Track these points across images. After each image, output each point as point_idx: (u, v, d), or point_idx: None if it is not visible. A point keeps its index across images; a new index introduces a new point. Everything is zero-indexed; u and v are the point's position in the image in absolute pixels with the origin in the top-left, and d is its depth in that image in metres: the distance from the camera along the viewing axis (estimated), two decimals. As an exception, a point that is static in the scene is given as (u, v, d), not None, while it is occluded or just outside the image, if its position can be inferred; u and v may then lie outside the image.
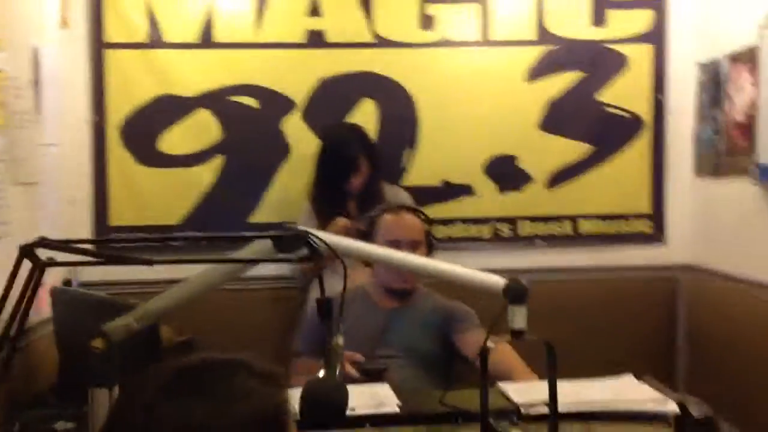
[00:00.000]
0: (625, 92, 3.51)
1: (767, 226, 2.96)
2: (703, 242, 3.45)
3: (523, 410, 1.66)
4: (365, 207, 2.98)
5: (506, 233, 3.51)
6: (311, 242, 1.45)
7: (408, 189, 3.34)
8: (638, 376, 2.01)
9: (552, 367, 1.59)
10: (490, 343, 1.58)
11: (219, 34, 3.32)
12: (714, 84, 3.32)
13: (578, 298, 3.46)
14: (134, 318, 1.58)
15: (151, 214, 3.32)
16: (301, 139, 3.37)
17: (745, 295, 3.07)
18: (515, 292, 1.53)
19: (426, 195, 3.40)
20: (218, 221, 3.32)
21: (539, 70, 3.46)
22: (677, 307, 3.55)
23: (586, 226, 3.53)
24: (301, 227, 1.56)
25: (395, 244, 2.41)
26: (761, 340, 2.87)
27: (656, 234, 3.56)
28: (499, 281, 1.56)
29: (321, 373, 1.39)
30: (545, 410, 1.61)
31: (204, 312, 2.92)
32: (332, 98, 3.40)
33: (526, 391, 1.78)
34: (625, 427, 1.76)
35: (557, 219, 3.51)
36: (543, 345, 1.58)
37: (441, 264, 1.64)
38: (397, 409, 1.78)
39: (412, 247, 2.48)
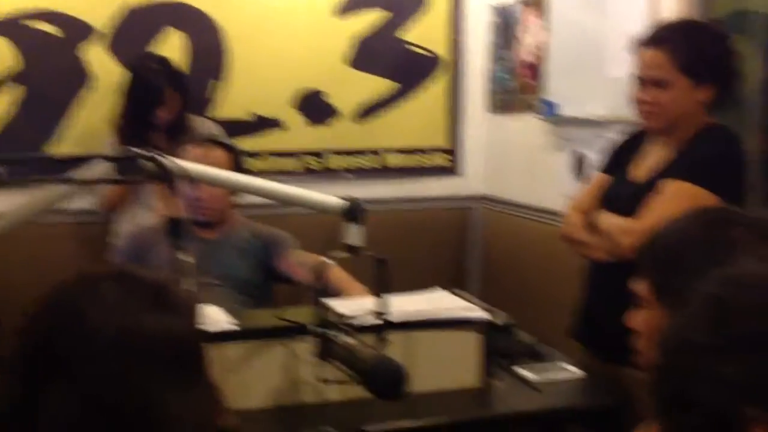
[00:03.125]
0: (426, 32, 3.69)
1: (551, 158, 3.27)
2: (496, 174, 3.75)
3: (353, 322, 1.79)
4: (173, 140, 2.97)
5: (315, 166, 3.61)
6: (160, 162, 1.47)
7: (217, 122, 3.34)
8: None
9: (382, 281, 1.73)
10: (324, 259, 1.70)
11: (13, -45, 3.13)
12: (505, 26, 3.57)
13: (382, 229, 3.63)
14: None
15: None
16: (105, 70, 3.27)
17: (531, 221, 3.39)
18: (353, 210, 1.65)
19: (236, 128, 3.42)
20: (13, 152, 3.16)
21: (347, 7, 3.56)
22: (471, 233, 3.84)
23: (390, 160, 3.72)
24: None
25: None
26: (545, 259, 3.19)
27: (453, 167, 3.81)
28: (337, 201, 1.66)
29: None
30: (373, 321, 1.74)
31: (5, 247, 2.83)
32: (138, 28, 3.31)
33: (354, 306, 1.91)
34: (441, 334, 1.94)
35: (363, 152, 3.67)
36: (374, 260, 1.72)
37: (282, 187, 1.73)
38: (232, 327, 1.86)
39: None
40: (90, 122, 3.28)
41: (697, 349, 0.91)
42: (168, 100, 3.07)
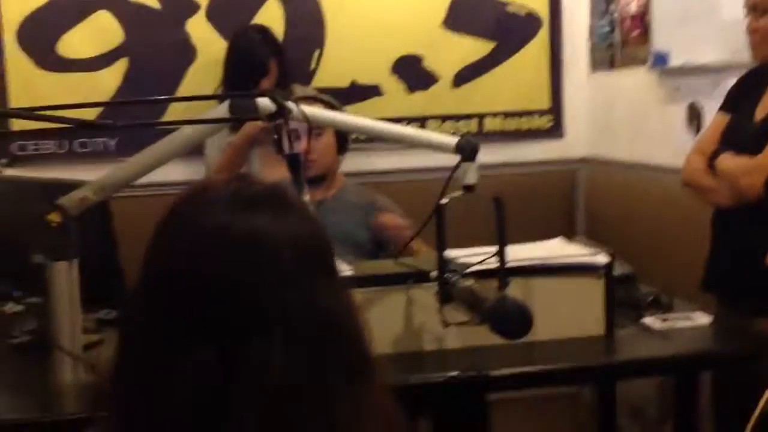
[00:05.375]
0: (523, -10, 3.60)
1: (663, 112, 3.15)
2: (601, 134, 3.63)
3: (474, 267, 1.75)
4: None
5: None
6: (278, 101, 1.46)
7: (317, 90, 3.34)
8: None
9: (501, 221, 1.68)
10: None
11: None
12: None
13: (486, 193, 3.58)
14: (92, 191, 1.56)
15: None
16: (208, 42, 3.30)
17: (641, 179, 3.26)
18: (467, 147, 1.61)
19: (335, 96, 3.37)
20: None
21: (440, -32, 3.51)
22: (576, 197, 3.73)
23: (490, 124, 3.65)
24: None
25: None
26: (660, 217, 3.07)
27: (555, 129, 3.71)
28: (451, 139, 1.63)
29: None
30: (493, 266, 1.69)
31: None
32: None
33: (474, 253, 1.87)
34: (564, 281, 1.88)
35: (464, 117, 3.61)
36: (492, 201, 1.67)
37: (396, 127, 1.71)
38: (351, 273, 1.84)
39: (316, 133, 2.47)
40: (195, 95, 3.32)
41: None
42: (270, 71, 3.09)
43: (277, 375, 0.84)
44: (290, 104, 1.49)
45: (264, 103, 1.55)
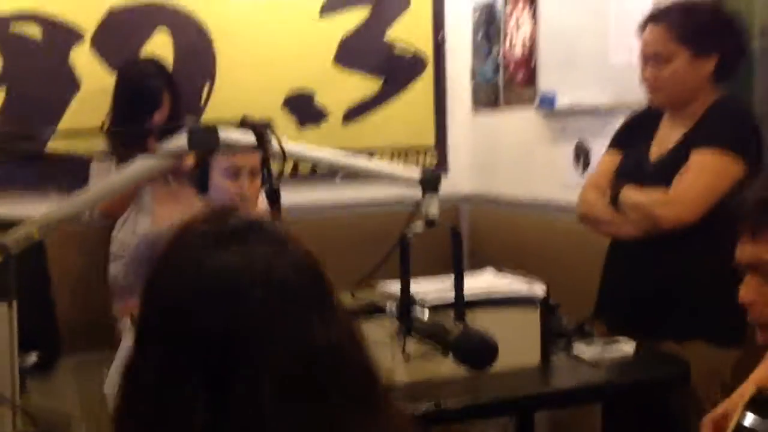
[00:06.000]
0: (409, 31, 3.68)
1: (549, 149, 3.30)
2: (484, 172, 3.76)
3: (423, 302, 1.76)
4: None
5: (306, 169, 3.56)
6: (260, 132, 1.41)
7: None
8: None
9: (458, 253, 1.70)
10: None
11: (-5, -44, 3.01)
12: (489, 22, 3.60)
13: (377, 229, 3.60)
14: (36, 228, 1.44)
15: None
16: (93, 72, 3.17)
17: (527, 215, 3.39)
18: (430, 180, 1.62)
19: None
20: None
21: (331, 5, 3.53)
22: (461, 233, 3.82)
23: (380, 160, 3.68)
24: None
25: (235, 172, 2.33)
26: (543, 249, 3.19)
27: (440, 166, 3.80)
28: (414, 171, 1.64)
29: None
30: (449, 299, 1.71)
31: None
32: (124, 30, 3.22)
33: (428, 285, 1.88)
34: (501, 312, 1.92)
35: (354, 153, 3.61)
36: (450, 231, 1.69)
37: (363, 161, 1.70)
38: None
39: (253, 174, 2.41)
40: (79, 126, 3.16)
41: None
42: (163, 102, 3.00)
43: (267, 414, 0.82)
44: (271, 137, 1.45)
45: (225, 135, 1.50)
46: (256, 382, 0.83)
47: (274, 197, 1.44)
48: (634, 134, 2.34)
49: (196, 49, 3.34)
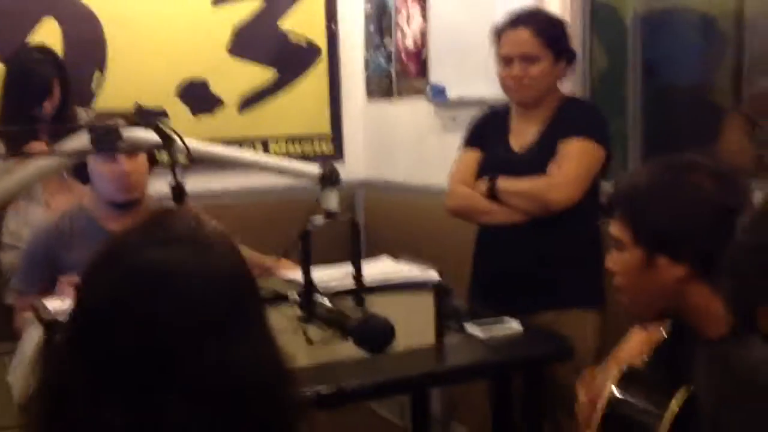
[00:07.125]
0: (303, 21, 3.74)
1: (440, 138, 3.42)
2: (378, 159, 3.85)
3: (324, 289, 1.83)
4: (58, 132, 2.85)
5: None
6: (161, 129, 1.45)
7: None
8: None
9: (356, 243, 1.78)
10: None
11: None
12: (380, 14, 3.69)
13: (270, 216, 3.65)
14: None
15: None
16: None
17: (419, 200, 3.51)
18: (330, 175, 1.69)
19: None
20: None
21: (224, -5, 3.55)
22: (356, 218, 3.91)
23: (275, 148, 3.73)
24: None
25: (110, 155, 2.32)
26: (434, 233, 3.30)
27: (336, 153, 3.88)
28: (314, 167, 1.70)
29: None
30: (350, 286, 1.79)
31: None
32: (11, 18, 3.15)
33: (327, 273, 1.94)
34: (398, 296, 2.01)
35: (249, 142, 3.66)
36: (349, 224, 1.77)
37: (265, 157, 1.74)
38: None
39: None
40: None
41: None
42: (53, 91, 2.95)
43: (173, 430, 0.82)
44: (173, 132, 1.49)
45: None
46: (170, 402, 0.82)
47: (178, 192, 1.47)
48: (486, 133, 2.49)
49: (87, 37, 3.30)
